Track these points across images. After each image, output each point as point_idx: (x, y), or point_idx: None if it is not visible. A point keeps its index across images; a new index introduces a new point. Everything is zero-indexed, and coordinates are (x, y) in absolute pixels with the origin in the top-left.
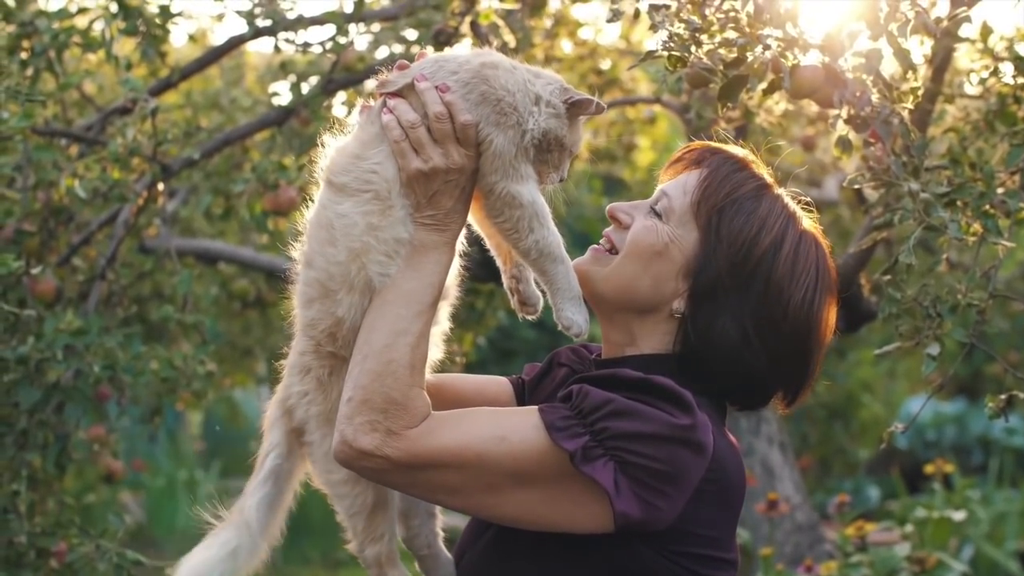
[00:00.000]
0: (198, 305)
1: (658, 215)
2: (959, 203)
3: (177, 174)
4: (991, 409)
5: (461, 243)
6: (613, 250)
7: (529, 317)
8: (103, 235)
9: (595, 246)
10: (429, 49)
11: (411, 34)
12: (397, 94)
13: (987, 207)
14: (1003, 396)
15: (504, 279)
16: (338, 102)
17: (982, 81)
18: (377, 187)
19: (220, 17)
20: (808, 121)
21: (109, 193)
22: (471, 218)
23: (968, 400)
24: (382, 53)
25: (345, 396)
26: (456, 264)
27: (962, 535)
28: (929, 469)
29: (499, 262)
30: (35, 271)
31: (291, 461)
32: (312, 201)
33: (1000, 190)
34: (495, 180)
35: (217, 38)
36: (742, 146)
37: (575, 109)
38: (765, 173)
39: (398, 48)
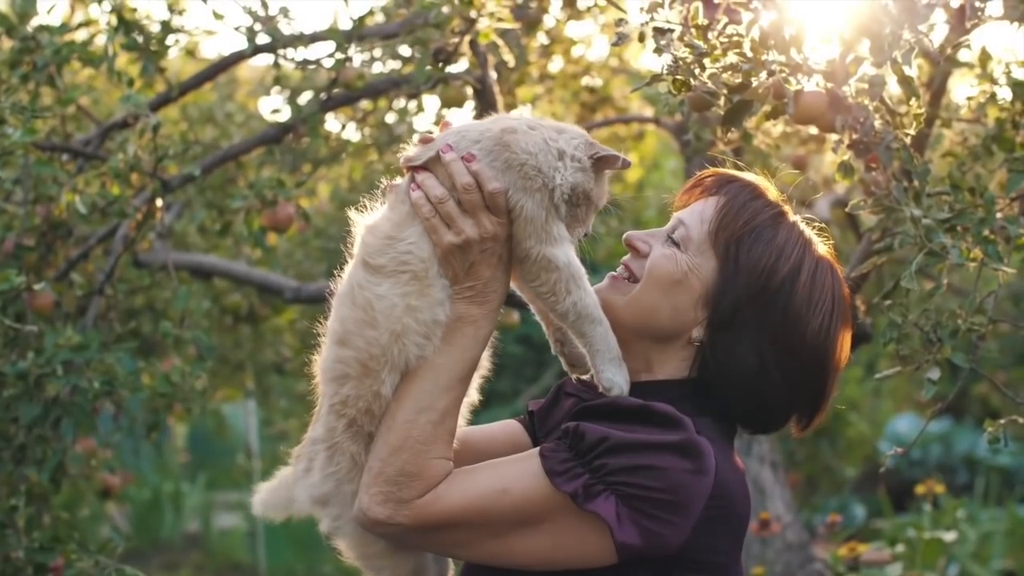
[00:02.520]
0: (193, 320)
1: (676, 243)
2: (959, 228)
3: (176, 190)
4: (990, 434)
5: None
6: (632, 278)
7: (583, 377)
8: (100, 250)
9: (613, 274)
10: (451, 116)
11: (406, 51)
12: (423, 167)
13: (987, 233)
14: (1002, 421)
15: (551, 342)
16: (329, 118)
17: (981, 106)
18: (414, 267)
19: (210, 32)
20: (800, 141)
21: (108, 208)
22: (514, 282)
23: (953, 419)
24: (377, 69)
25: (368, 464)
26: (493, 336)
27: (949, 554)
28: (920, 489)
29: (543, 325)
30: (38, 287)
31: None
32: (340, 274)
33: (999, 215)
34: (530, 246)
35: (207, 52)
36: (756, 173)
37: (600, 164)
38: (781, 200)
39: (394, 65)
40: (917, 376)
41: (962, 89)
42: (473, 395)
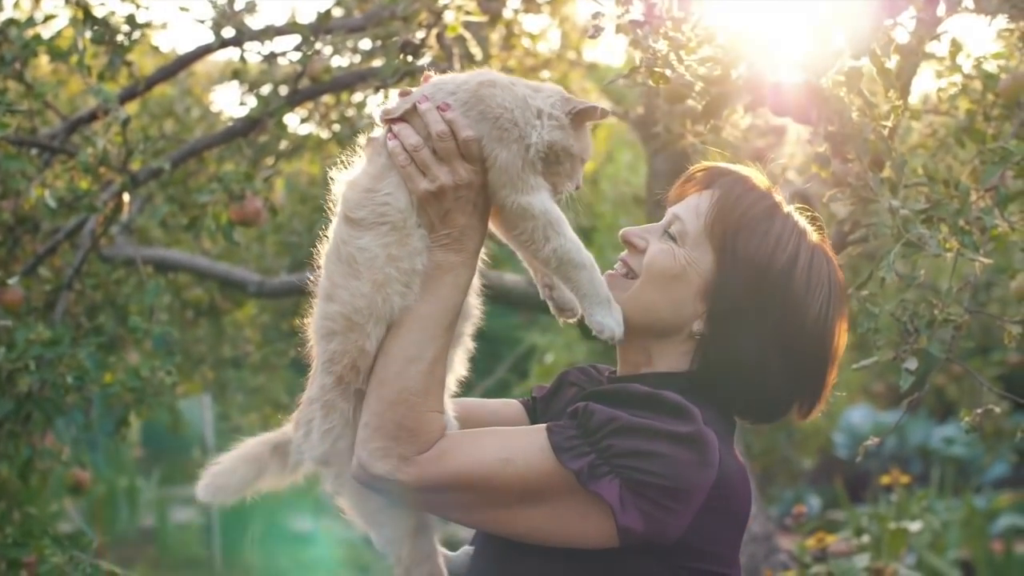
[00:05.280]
0: (157, 314)
1: (672, 238)
2: (935, 219)
3: (143, 184)
4: (967, 423)
5: (482, 260)
6: (630, 274)
7: (569, 321)
8: (65, 245)
9: (611, 272)
10: (433, 72)
11: (366, 44)
12: (400, 119)
13: (963, 223)
14: (978, 411)
15: (539, 287)
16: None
17: (951, 98)
18: (393, 218)
19: (163, 26)
20: (759, 134)
21: (76, 203)
22: (497, 233)
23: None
24: (336, 62)
25: (362, 420)
26: (476, 283)
27: (907, 545)
28: (885, 479)
29: (532, 272)
30: (11, 282)
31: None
32: (325, 236)
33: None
34: (505, 194)
35: (163, 46)
36: (748, 164)
37: (579, 117)
38: (774, 191)
39: (354, 59)
40: (873, 366)
41: (925, 81)
42: (468, 343)
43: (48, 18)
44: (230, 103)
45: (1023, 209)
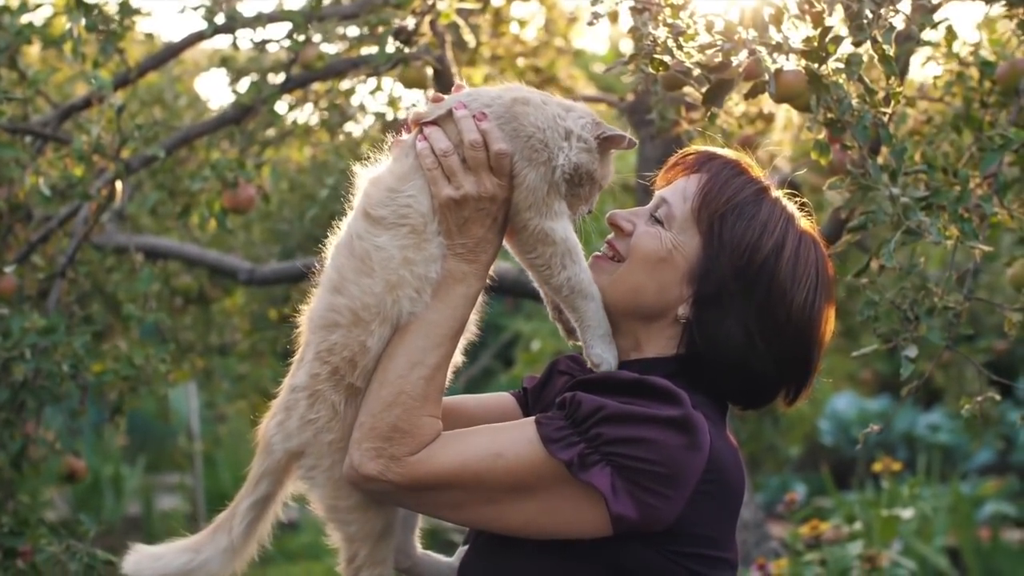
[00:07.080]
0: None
1: (659, 221)
2: (934, 207)
3: (137, 171)
4: (967, 411)
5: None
6: (616, 257)
7: (578, 343)
8: (59, 232)
9: (597, 254)
10: (465, 82)
11: (353, 31)
12: (433, 123)
13: (962, 211)
14: (979, 399)
15: (548, 309)
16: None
17: (947, 84)
18: (413, 221)
19: (146, 13)
20: (748, 121)
21: (69, 191)
22: (511, 250)
23: (892, 397)
24: (326, 49)
25: (359, 420)
26: (479, 299)
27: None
28: (877, 467)
29: (542, 293)
30: (6, 270)
31: (281, 487)
32: (338, 228)
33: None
34: (529, 217)
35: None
36: (736, 150)
37: (606, 144)
38: (762, 176)
39: (343, 46)
40: (860, 353)
41: (915, 68)
42: (457, 357)
43: (37, 6)
44: (216, 91)
45: (1020, 196)
